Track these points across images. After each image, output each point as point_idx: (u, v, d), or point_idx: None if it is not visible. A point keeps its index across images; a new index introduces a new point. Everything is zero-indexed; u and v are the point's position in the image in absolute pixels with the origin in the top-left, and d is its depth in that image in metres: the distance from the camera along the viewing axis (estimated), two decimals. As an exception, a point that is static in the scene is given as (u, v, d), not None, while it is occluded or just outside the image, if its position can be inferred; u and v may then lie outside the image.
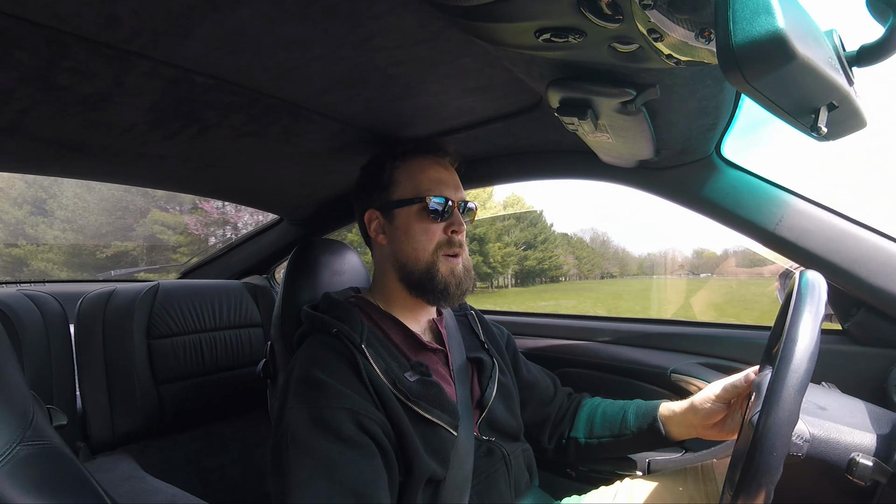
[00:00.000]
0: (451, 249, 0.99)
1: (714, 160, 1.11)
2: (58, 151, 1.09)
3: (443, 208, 0.99)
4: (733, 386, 0.93)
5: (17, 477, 0.60)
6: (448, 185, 1.02)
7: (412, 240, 0.99)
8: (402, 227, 1.00)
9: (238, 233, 12.72)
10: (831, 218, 1.04)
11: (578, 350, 1.53)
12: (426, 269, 0.98)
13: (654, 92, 0.73)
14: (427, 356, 0.99)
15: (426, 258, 0.98)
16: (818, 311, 0.64)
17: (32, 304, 1.27)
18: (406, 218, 1.00)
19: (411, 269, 0.99)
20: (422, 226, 0.99)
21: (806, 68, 0.43)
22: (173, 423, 1.49)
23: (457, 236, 1.00)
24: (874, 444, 0.68)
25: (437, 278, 0.98)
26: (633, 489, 1.05)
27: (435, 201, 0.98)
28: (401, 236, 1.00)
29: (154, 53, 0.76)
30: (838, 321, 1.14)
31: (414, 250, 0.99)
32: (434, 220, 0.99)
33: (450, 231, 1.00)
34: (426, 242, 0.98)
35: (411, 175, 1.02)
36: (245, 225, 12.40)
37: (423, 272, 0.98)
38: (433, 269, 0.98)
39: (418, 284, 0.99)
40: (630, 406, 1.11)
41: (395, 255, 1.01)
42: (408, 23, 0.72)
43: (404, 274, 1.00)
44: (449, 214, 1.00)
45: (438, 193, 0.99)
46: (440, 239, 0.99)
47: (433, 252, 0.98)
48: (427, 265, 0.98)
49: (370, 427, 0.81)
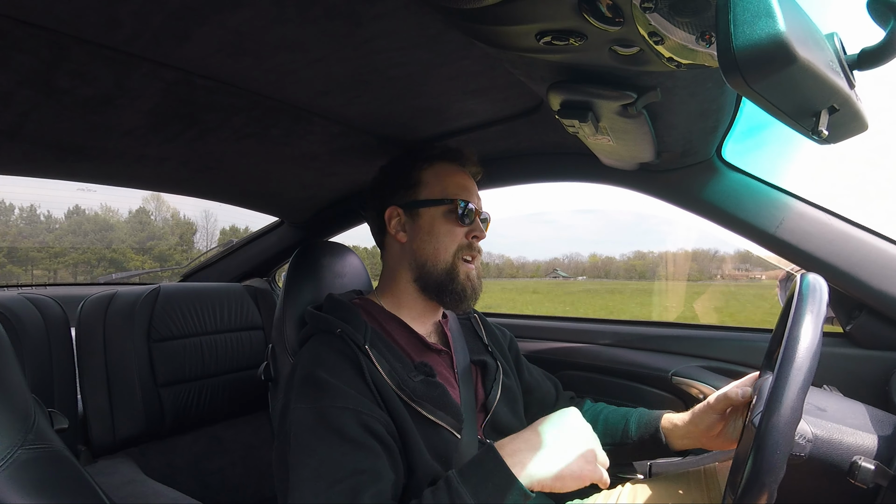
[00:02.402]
0: (470, 253, 1.01)
1: (715, 163, 1.11)
2: (59, 154, 1.10)
3: (466, 213, 1.00)
4: (726, 396, 0.94)
5: (18, 480, 0.60)
6: (472, 193, 1.04)
7: (435, 239, 1.00)
8: (426, 226, 1.01)
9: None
10: (832, 220, 1.04)
11: (580, 353, 1.53)
12: (446, 271, 0.99)
13: (654, 95, 0.73)
14: (431, 358, 0.99)
15: (447, 259, 0.99)
16: (819, 313, 0.64)
17: (34, 308, 1.27)
18: (431, 218, 1.01)
19: (430, 269, 1.00)
20: (447, 227, 1.00)
21: (807, 71, 0.43)
22: (174, 426, 1.48)
23: (476, 242, 1.02)
24: (876, 447, 0.68)
25: (457, 281, 0.99)
26: (636, 493, 1.04)
27: (462, 206, 1.00)
28: (423, 235, 1.01)
29: (154, 56, 0.76)
30: (840, 324, 1.13)
31: (435, 250, 1.00)
32: (459, 224, 1.00)
33: (471, 236, 1.01)
34: (448, 244, 1.00)
35: (439, 178, 1.03)
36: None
37: (442, 273, 0.99)
38: (453, 271, 0.99)
39: (436, 285, 1.00)
40: (632, 415, 1.10)
41: (415, 253, 1.01)
42: (408, 25, 0.72)
43: (421, 273, 1.00)
44: (472, 220, 1.01)
45: (465, 198, 1.01)
46: (461, 242, 1.01)
47: (454, 254, 1.00)
48: (447, 266, 0.99)
49: (374, 427, 0.81)
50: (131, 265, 5.23)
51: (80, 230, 10.59)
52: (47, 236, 10.13)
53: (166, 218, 7.36)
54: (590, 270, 36.75)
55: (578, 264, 40.13)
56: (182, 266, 2.31)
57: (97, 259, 9.65)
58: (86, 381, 1.35)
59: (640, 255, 42.97)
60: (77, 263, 9.52)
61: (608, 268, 39.72)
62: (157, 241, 6.43)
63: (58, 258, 9.59)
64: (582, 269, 37.26)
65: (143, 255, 6.13)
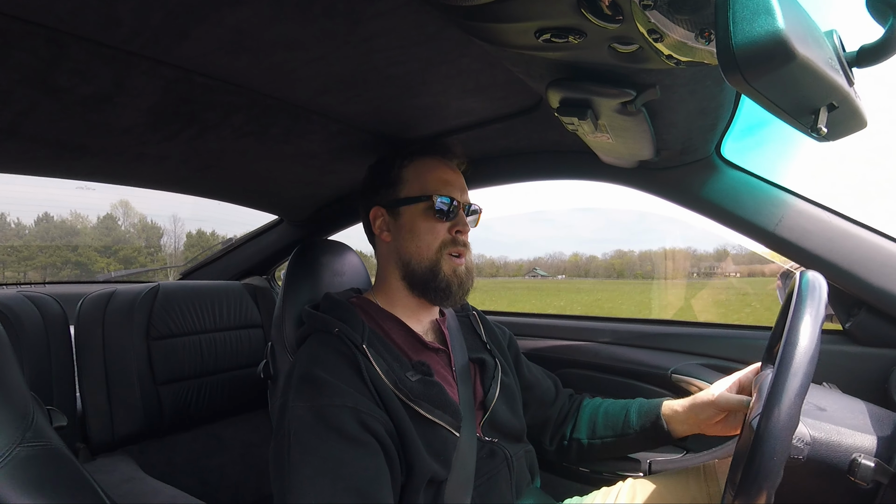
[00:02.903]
0: (455, 249, 1.00)
1: (714, 160, 1.11)
2: (58, 152, 1.09)
3: (448, 208, 0.99)
4: (731, 402, 0.94)
5: (16, 478, 0.60)
6: (455, 187, 1.03)
7: (417, 238, 0.99)
8: (408, 224, 1.01)
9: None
10: (831, 218, 1.04)
11: (579, 351, 1.53)
12: (429, 268, 0.98)
13: (654, 92, 0.73)
14: (429, 356, 0.99)
15: (430, 256, 0.99)
16: (818, 311, 0.64)
17: (33, 306, 1.27)
18: (412, 216, 1.00)
19: (414, 267, 0.99)
20: (427, 224, 0.99)
21: (806, 69, 0.43)
22: (173, 424, 1.48)
23: (461, 237, 1.01)
24: (875, 445, 0.68)
25: (440, 276, 0.98)
26: (635, 490, 1.05)
27: (441, 201, 0.99)
28: (405, 234, 1.01)
29: (154, 54, 0.76)
30: (839, 321, 1.13)
31: (418, 248, 0.99)
32: (439, 220, 0.99)
33: (454, 231, 1.00)
34: (431, 241, 0.99)
35: (419, 174, 1.03)
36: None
37: (426, 270, 0.99)
38: (436, 267, 0.98)
39: (421, 282, 0.99)
40: (632, 405, 1.11)
41: (399, 252, 1.01)
42: (407, 23, 0.72)
43: (407, 272, 1.00)
44: (454, 215, 1.00)
45: (445, 193, 1.00)
46: (444, 238, 1.00)
47: (437, 251, 0.99)
48: (430, 263, 0.99)
49: (373, 425, 0.81)
50: (96, 267, 5.38)
51: (47, 236, 10.94)
52: (17, 242, 10.52)
53: (134, 223, 7.51)
54: (570, 269, 37.09)
55: (560, 263, 40.57)
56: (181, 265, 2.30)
57: (62, 262, 9.95)
58: (85, 379, 1.35)
59: (621, 253, 43.83)
60: (46, 266, 9.78)
61: (589, 266, 40.38)
62: (122, 245, 6.56)
63: (27, 261, 9.92)
64: (563, 268, 37.60)
65: (108, 257, 6.21)
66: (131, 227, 7.78)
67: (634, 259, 41.20)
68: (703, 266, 36.21)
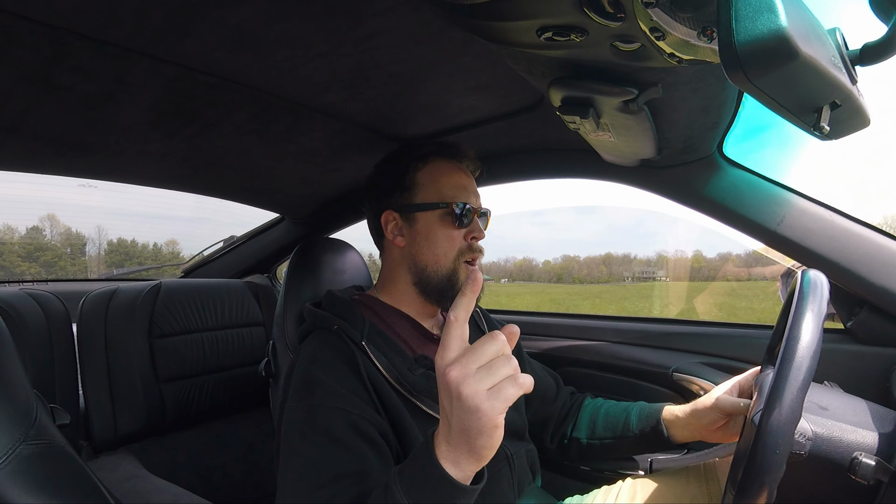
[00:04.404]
0: (470, 255, 0.99)
1: (716, 159, 1.11)
2: (60, 150, 1.10)
3: (464, 214, 0.98)
4: (731, 405, 0.93)
5: (19, 476, 0.60)
6: (469, 192, 1.02)
7: (434, 245, 0.98)
8: (424, 231, 0.99)
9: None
10: (833, 217, 1.04)
11: (580, 349, 1.53)
12: (447, 276, 0.97)
13: (656, 91, 0.73)
14: (432, 350, 0.98)
15: (448, 265, 0.97)
16: (820, 310, 0.64)
17: (35, 303, 1.27)
18: (428, 222, 0.99)
19: (431, 275, 0.98)
20: (445, 231, 0.98)
21: (808, 67, 0.43)
22: (175, 421, 1.49)
23: (476, 243, 1.00)
24: (876, 443, 0.68)
25: (457, 286, 0.97)
26: (636, 489, 1.05)
27: (458, 207, 0.97)
28: (421, 241, 0.99)
29: (155, 51, 0.76)
30: (840, 320, 1.13)
31: (435, 255, 0.98)
32: (456, 227, 0.98)
33: (470, 237, 0.99)
34: (448, 249, 0.98)
35: (434, 179, 1.00)
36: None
37: (443, 279, 0.97)
38: (454, 276, 0.97)
39: (436, 291, 0.98)
40: (633, 408, 1.11)
41: (414, 258, 0.99)
42: (409, 21, 0.72)
43: (422, 278, 0.99)
44: (470, 221, 0.99)
45: (461, 199, 0.98)
46: (461, 246, 0.98)
47: (454, 259, 0.98)
48: (448, 272, 0.97)
49: (364, 428, 0.80)
50: (18, 270, 5.69)
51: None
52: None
53: (60, 232, 7.80)
54: (514, 273, 39.03)
55: (506, 268, 42.99)
56: (182, 263, 2.31)
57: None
58: (87, 377, 1.36)
59: (568, 258, 46.52)
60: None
61: (532, 271, 43.14)
62: (43, 252, 6.86)
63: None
64: (508, 272, 40.02)
65: (29, 262, 6.53)
66: (56, 236, 8.11)
67: (572, 264, 43.94)
68: (636, 271, 38.06)
